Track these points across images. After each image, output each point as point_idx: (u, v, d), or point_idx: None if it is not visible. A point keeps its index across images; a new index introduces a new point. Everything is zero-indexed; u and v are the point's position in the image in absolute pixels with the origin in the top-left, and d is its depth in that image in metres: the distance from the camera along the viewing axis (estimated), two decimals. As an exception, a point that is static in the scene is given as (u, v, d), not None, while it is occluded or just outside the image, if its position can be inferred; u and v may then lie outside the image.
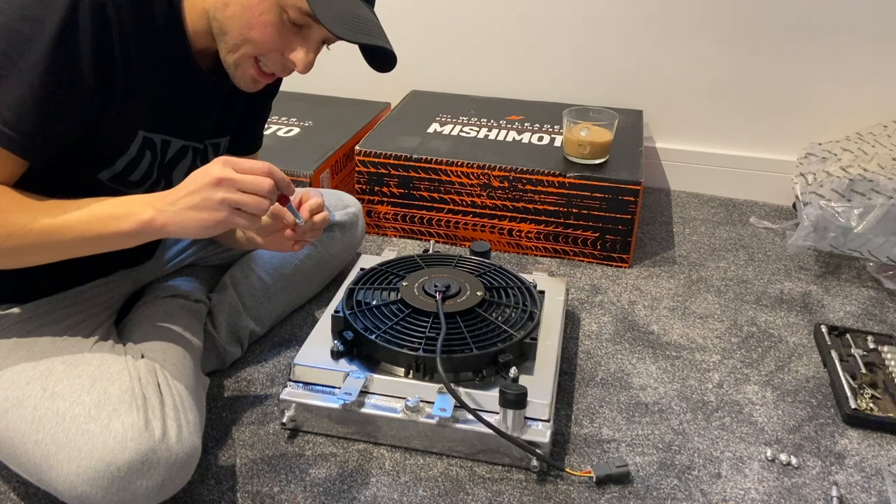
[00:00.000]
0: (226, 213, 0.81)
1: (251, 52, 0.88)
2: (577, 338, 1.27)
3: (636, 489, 0.96)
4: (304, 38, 0.88)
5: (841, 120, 1.75)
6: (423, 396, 0.99)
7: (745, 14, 1.73)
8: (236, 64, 0.90)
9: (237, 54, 0.89)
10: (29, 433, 0.80)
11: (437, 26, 1.91)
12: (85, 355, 0.89)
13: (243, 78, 0.92)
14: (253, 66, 0.90)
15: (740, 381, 1.17)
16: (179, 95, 0.93)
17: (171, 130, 0.95)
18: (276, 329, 1.26)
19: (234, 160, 0.83)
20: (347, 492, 0.94)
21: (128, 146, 0.90)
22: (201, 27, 0.89)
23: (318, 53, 0.91)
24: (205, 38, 0.91)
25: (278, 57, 0.89)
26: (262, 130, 1.18)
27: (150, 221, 0.81)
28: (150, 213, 0.81)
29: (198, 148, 1.01)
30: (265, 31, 0.86)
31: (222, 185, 0.80)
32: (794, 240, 1.47)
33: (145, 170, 0.94)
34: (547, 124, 1.75)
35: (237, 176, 0.81)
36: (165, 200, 0.82)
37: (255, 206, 0.82)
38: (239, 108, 1.07)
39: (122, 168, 0.91)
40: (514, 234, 1.56)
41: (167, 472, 0.80)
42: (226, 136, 1.07)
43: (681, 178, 1.91)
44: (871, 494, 0.96)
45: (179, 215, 0.81)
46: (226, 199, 0.81)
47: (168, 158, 0.96)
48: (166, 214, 0.81)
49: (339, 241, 1.35)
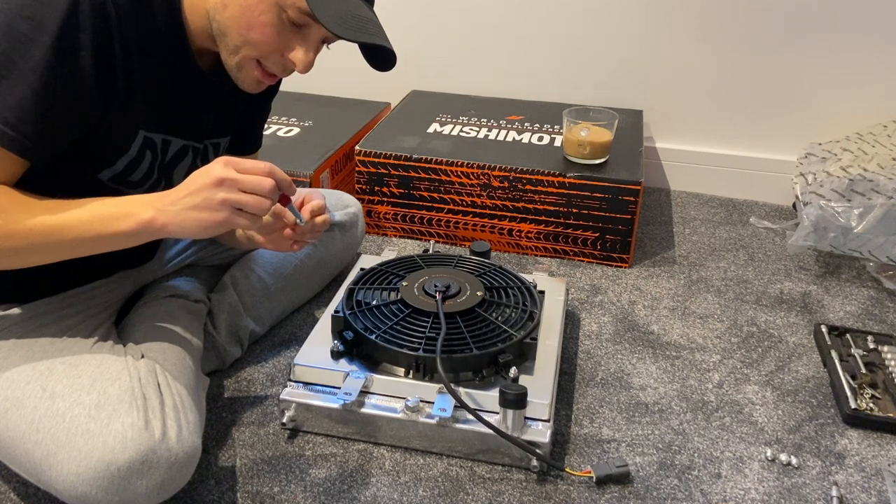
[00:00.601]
0: (227, 214, 0.81)
1: (252, 53, 0.88)
2: (577, 338, 1.27)
3: (636, 489, 0.96)
4: (304, 38, 0.88)
5: (841, 120, 1.75)
6: (423, 396, 0.99)
7: (745, 14, 1.73)
8: (239, 67, 0.90)
9: (238, 57, 0.89)
10: (29, 433, 0.80)
11: (437, 26, 1.91)
12: (85, 355, 0.89)
13: (247, 80, 0.92)
14: (256, 67, 0.90)
15: (740, 381, 1.17)
16: (179, 96, 0.93)
17: (171, 130, 0.95)
18: (276, 329, 1.26)
19: (235, 160, 0.83)
20: (347, 492, 0.94)
21: (128, 146, 0.90)
22: (201, 28, 0.90)
23: (317, 53, 0.91)
24: (205, 39, 0.91)
25: (278, 58, 0.89)
26: (261, 130, 1.19)
27: (150, 221, 0.81)
28: (151, 213, 0.81)
29: (198, 148, 1.01)
30: (264, 31, 0.86)
31: (224, 186, 0.80)
32: (794, 240, 1.47)
33: (146, 170, 0.94)
34: (547, 124, 1.75)
35: (239, 176, 0.81)
36: (166, 200, 0.82)
37: (256, 206, 0.82)
38: (239, 108, 1.07)
39: (122, 168, 0.91)
40: (514, 234, 1.56)
41: (167, 472, 0.80)
42: (226, 136, 1.07)
43: (681, 178, 1.91)
44: (871, 494, 0.96)
45: (180, 215, 0.81)
46: (227, 199, 0.80)
47: (168, 158, 0.96)
48: (167, 214, 0.81)
49: (339, 241, 1.35)
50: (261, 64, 0.90)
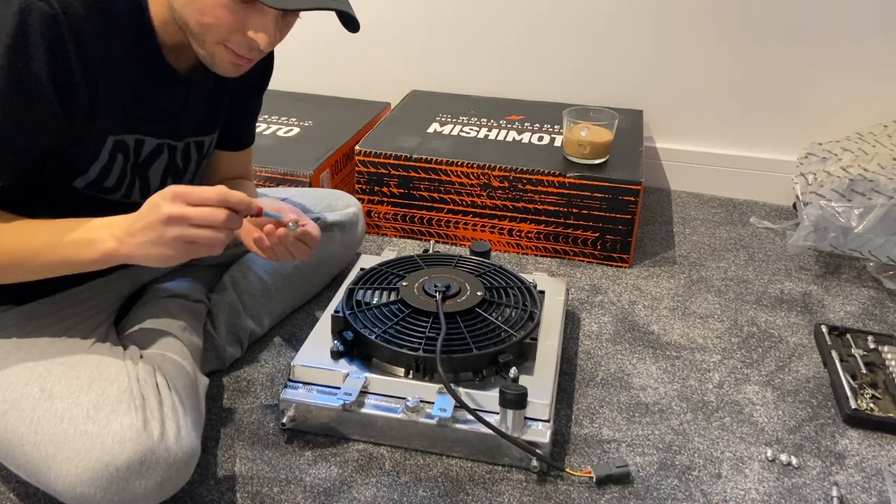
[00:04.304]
0: (181, 249, 0.80)
1: (215, 38, 0.86)
2: (577, 338, 1.27)
3: (636, 489, 0.96)
4: (260, 13, 0.86)
5: (841, 120, 1.75)
6: (423, 396, 0.99)
7: (745, 14, 1.73)
8: (210, 54, 0.88)
9: (205, 45, 0.87)
10: (27, 434, 0.80)
11: (437, 26, 1.91)
12: (83, 356, 0.88)
13: (222, 65, 0.89)
14: (225, 51, 0.88)
15: (740, 382, 1.17)
16: (151, 96, 0.92)
17: (144, 130, 0.93)
18: (276, 329, 1.26)
19: (183, 192, 0.79)
20: (347, 492, 0.93)
21: (98, 153, 0.89)
22: (169, 22, 0.88)
23: (277, 26, 0.88)
24: (176, 34, 0.89)
25: (241, 38, 0.86)
26: (253, 126, 1.17)
27: (113, 252, 0.81)
28: (113, 244, 0.80)
29: (174, 146, 0.99)
30: (217, 13, 0.84)
31: (173, 223, 0.78)
32: (794, 240, 1.47)
33: (119, 174, 0.93)
34: (547, 124, 1.75)
35: (187, 210, 0.78)
36: (125, 229, 0.80)
37: (209, 239, 0.80)
38: (226, 104, 1.06)
39: (95, 175, 0.90)
40: (514, 234, 1.56)
41: (166, 472, 0.80)
42: (211, 134, 1.06)
43: (681, 178, 1.91)
44: (871, 494, 0.96)
45: (141, 248, 0.80)
46: (179, 236, 0.79)
47: (142, 158, 0.95)
48: (128, 246, 0.80)
49: (339, 241, 1.34)
50: (229, 48, 0.88)
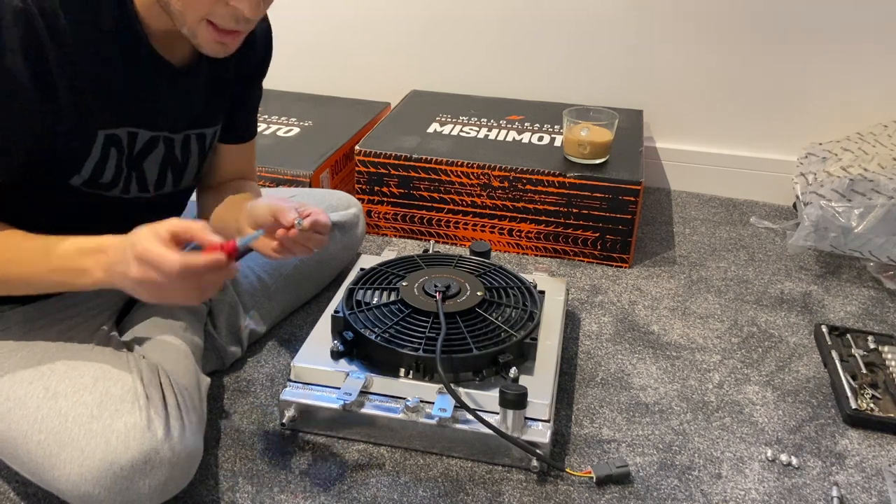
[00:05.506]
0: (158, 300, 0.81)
1: (198, 14, 0.84)
2: (577, 338, 1.27)
3: (636, 489, 0.96)
4: None
5: (841, 120, 1.75)
6: (423, 396, 0.99)
7: (745, 14, 1.73)
8: (193, 34, 0.86)
9: (187, 24, 0.85)
10: (31, 433, 0.81)
11: (437, 26, 1.91)
12: (87, 355, 0.89)
13: (207, 44, 0.87)
14: (208, 29, 0.85)
15: (741, 382, 1.17)
16: (140, 87, 0.90)
17: (136, 123, 0.92)
18: (276, 329, 1.26)
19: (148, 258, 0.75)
20: (347, 492, 0.94)
21: (90, 149, 0.88)
22: (150, 3, 0.86)
23: None
24: (160, 18, 0.87)
25: (224, 8, 0.84)
26: (254, 118, 1.16)
27: (103, 282, 0.81)
28: (102, 276, 0.80)
29: (171, 138, 0.98)
30: None
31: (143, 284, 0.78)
32: (794, 240, 1.47)
33: (114, 169, 0.92)
34: (547, 124, 1.75)
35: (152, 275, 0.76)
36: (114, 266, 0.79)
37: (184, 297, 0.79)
38: (226, 97, 1.05)
39: (90, 172, 0.89)
40: (514, 234, 1.56)
41: (170, 471, 0.80)
42: (212, 127, 1.05)
43: (681, 178, 1.91)
44: (871, 494, 0.96)
45: (128, 287, 0.80)
46: (151, 296, 0.79)
47: (137, 151, 0.94)
48: (120, 283, 0.80)
49: (339, 241, 1.35)
50: (212, 23, 0.85)
